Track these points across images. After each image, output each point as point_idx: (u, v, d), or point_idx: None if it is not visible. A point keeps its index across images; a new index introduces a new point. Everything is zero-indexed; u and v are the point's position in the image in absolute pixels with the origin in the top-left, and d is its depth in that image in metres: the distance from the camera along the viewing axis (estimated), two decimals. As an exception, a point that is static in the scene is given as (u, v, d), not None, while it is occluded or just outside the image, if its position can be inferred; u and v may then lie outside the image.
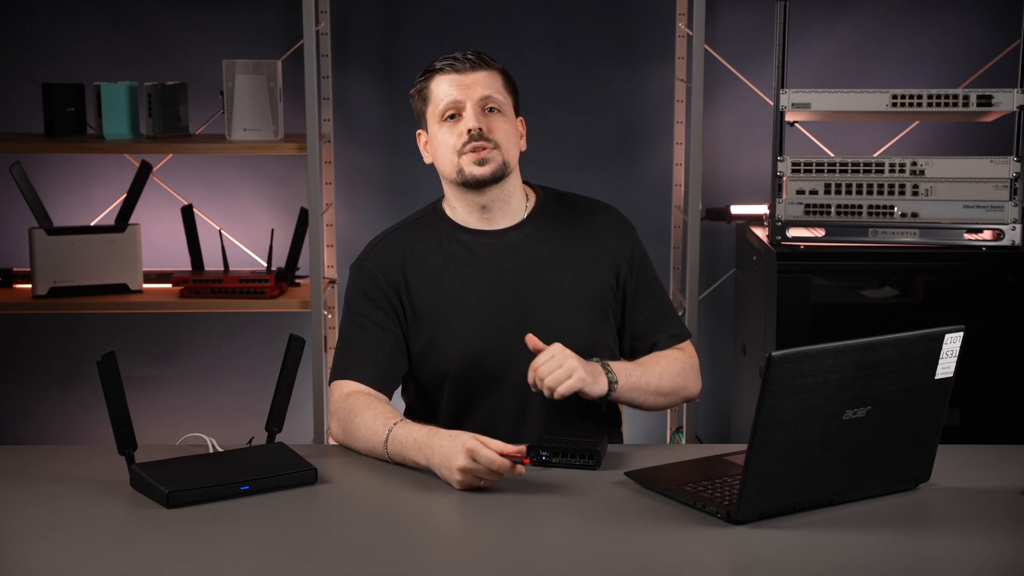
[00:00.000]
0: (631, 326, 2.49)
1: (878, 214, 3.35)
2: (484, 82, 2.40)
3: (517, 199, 2.47)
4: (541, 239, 2.45)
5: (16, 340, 4.06)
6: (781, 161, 3.36)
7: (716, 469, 2.12)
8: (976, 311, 3.31)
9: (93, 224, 3.93)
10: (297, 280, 3.77)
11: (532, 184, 2.53)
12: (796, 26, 3.66)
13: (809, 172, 3.37)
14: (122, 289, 3.68)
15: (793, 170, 3.37)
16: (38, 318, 4.03)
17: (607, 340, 2.46)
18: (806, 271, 3.31)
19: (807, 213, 3.37)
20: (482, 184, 2.39)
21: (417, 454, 2.14)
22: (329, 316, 3.87)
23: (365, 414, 2.26)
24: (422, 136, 2.48)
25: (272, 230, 3.80)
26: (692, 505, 1.98)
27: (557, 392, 2.22)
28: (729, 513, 1.91)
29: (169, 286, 3.75)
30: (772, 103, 3.37)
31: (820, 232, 3.38)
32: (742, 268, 3.82)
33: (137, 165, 3.72)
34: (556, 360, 2.23)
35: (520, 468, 2.04)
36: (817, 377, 1.85)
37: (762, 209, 3.65)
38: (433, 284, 2.43)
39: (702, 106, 3.49)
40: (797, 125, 3.74)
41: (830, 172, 3.37)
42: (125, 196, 3.69)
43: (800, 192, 3.37)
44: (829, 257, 3.33)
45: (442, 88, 2.40)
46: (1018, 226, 3.31)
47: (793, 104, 3.34)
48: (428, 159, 2.48)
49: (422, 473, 2.14)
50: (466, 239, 2.45)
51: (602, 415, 2.47)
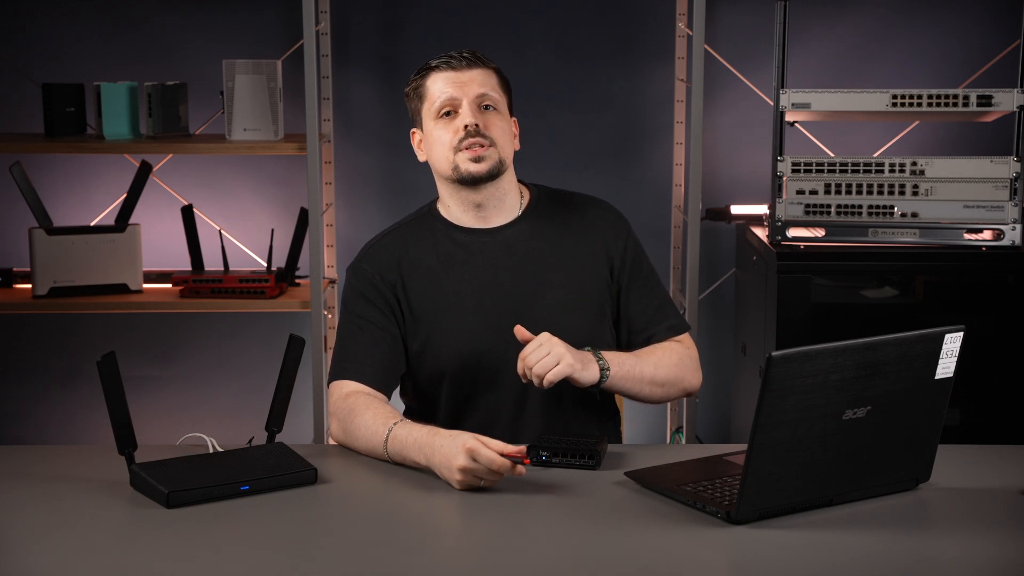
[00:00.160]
0: (627, 319, 2.48)
1: (878, 214, 3.35)
2: (480, 80, 2.40)
3: (512, 197, 2.47)
4: (536, 236, 2.45)
5: (16, 340, 4.06)
6: (781, 161, 3.36)
7: (716, 469, 2.12)
8: (976, 311, 3.31)
9: (93, 224, 3.93)
10: (297, 280, 3.77)
11: (525, 182, 2.53)
12: (796, 26, 3.66)
13: (809, 172, 3.37)
14: (122, 289, 3.68)
15: (793, 170, 3.37)
16: (38, 318, 4.03)
17: (605, 335, 2.46)
18: (806, 271, 3.31)
19: (807, 213, 3.37)
20: (478, 181, 2.39)
21: (417, 454, 2.14)
22: (329, 316, 3.87)
23: (365, 414, 2.26)
24: (416, 134, 2.48)
25: (272, 230, 3.80)
26: (692, 505, 1.98)
27: (546, 380, 2.21)
28: (729, 513, 1.91)
29: (169, 286, 3.75)
30: (772, 103, 3.37)
31: (820, 232, 3.38)
32: (742, 268, 3.82)
33: (137, 165, 3.72)
34: (544, 348, 2.23)
35: (520, 468, 2.04)
36: (817, 377, 1.85)
37: (762, 209, 3.65)
38: (430, 283, 2.42)
39: (702, 106, 3.49)
40: (797, 125, 3.74)
41: (830, 172, 3.37)
42: (125, 196, 3.69)
43: (800, 192, 3.37)
44: (829, 257, 3.33)
45: (438, 85, 2.40)
46: (1018, 226, 3.31)
47: (793, 104, 3.34)
48: (422, 157, 2.48)
49: (422, 473, 2.14)
50: (461, 238, 2.45)
51: (601, 413, 2.48)
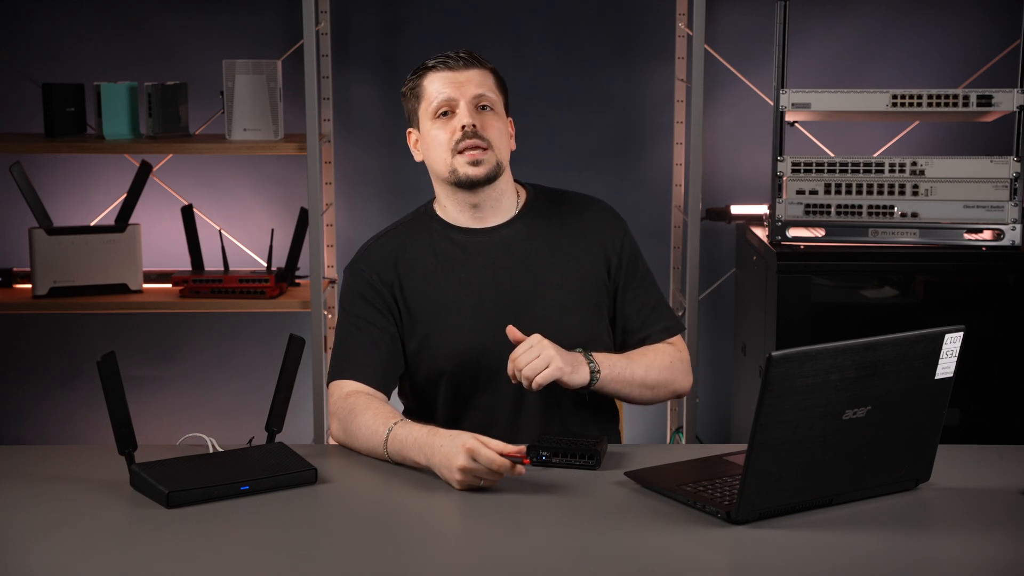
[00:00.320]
0: (622, 319, 2.48)
1: (878, 214, 3.35)
2: (477, 80, 2.40)
3: (508, 197, 2.47)
4: (533, 235, 2.45)
5: (16, 340, 4.06)
6: (781, 161, 3.36)
7: (716, 469, 2.12)
8: (976, 311, 3.31)
9: (93, 224, 3.93)
10: (297, 280, 3.77)
11: (521, 182, 2.53)
12: (796, 26, 3.66)
13: (809, 172, 3.37)
14: (122, 289, 3.68)
15: (793, 170, 3.37)
16: (38, 318, 4.02)
17: (603, 335, 2.46)
18: (806, 271, 3.30)
19: (807, 213, 3.37)
20: (476, 184, 2.39)
21: (417, 454, 2.14)
22: (329, 316, 3.87)
23: (365, 414, 2.25)
24: (412, 134, 2.48)
25: (272, 230, 3.80)
26: (692, 505, 1.98)
27: (534, 383, 2.22)
28: (729, 513, 1.91)
29: (169, 286, 3.75)
30: (772, 103, 3.37)
31: (820, 232, 3.38)
32: (742, 268, 3.82)
33: (137, 165, 3.71)
34: (534, 351, 2.23)
35: (520, 468, 2.04)
36: (817, 377, 1.85)
37: (762, 209, 3.65)
38: (427, 283, 2.42)
39: (702, 106, 3.49)
40: (797, 125, 3.74)
41: (830, 172, 3.37)
42: (125, 196, 3.69)
43: (800, 192, 3.37)
44: (829, 257, 3.33)
45: (435, 85, 2.40)
46: (1018, 226, 3.31)
47: (793, 104, 3.34)
48: (419, 157, 2.48)
49: (422, 473, 2.14)
50: (458, 238, 2.45)
51: (600, 413, 2.48)
